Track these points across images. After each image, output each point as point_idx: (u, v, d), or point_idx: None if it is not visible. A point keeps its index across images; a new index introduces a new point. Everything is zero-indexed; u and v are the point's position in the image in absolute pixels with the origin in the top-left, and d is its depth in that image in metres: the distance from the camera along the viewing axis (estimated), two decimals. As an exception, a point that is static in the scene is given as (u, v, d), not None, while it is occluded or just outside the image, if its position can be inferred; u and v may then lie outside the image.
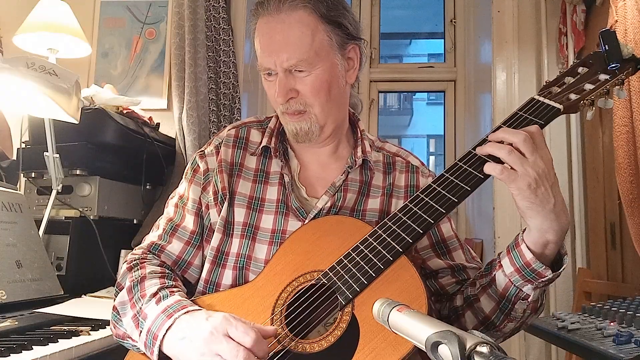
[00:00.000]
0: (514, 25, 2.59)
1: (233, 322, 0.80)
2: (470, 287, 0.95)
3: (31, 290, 1.39)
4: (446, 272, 1.03)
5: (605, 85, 0.90)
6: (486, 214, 2.71)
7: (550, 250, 0.83)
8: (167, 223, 1.05)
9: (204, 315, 0.83)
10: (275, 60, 0.95)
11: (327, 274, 0.86)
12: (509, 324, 0.91)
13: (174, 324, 0.83)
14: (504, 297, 0.87)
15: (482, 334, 0.52)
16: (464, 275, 1.02)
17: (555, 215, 0.80)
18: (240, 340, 0.77)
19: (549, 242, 0.82)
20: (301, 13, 0.95)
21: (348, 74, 1.03)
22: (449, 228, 1.06)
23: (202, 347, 0.78)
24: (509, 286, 0.86)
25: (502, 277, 0.87)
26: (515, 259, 0.85)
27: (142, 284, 0.93)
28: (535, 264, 0.82)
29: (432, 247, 1.05)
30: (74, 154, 1.81)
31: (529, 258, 0.83)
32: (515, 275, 0.85)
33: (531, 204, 0.80)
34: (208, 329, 0.79)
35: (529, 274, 0.83)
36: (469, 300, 0.93)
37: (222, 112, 2.49)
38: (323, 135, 1.02)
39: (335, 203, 1.01)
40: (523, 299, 0.86)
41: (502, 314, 0.89)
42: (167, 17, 2.61)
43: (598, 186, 2.24)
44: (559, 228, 0.81)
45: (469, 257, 1.05)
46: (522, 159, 0.79)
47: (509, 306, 0.88)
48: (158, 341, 0.83)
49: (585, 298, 2.10)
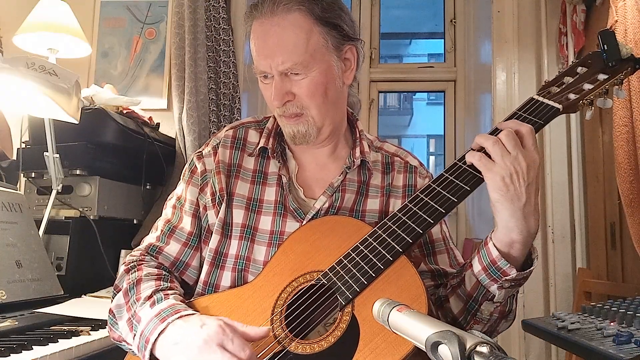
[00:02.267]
0: (514, 25, 2.59)
1: (229, 333, 0.79)
2: (443, 288, 0.95)
3: (31, 290, 1.39)
4: (426, 275, 1.01)
5: (604, 85, 0.90)
6: (486, 214, 2.71)
7: (516, 250, 0.83)
8: (164, 224, 1.04)
9: (199, 322, 0.82)
10: (271, 63, 0.95)
11: (327, 275, 0.86)
12: (474, 326, 0.91)
13: (167, 328, 0.83)
14: (471, 297, 0.88)
15: (482, 333, 0.52)
16: (443, 280, 1.01)
17: (522, 215, 0.81)
18: (236, 354, 0.77)
19: (514, 242, 0.82)
20: (296, 15, 0.94)
21: (345, 75, 1.02)
22: (439, 230, 1.06)
23: (196, 355, 0.78)
24: (477, 286, 0.87)
25: (471, 276, 0.87)
26: (482, 258, 0.85)
27: (137, 286, 0.92)
28: (500, 261, 0.83)
29: (419, 247, 1.04)
30: (74, 154, 1.81)
31: (494, 255, 0.83)
32: (482, 274, 0.85)
33: (501, 197, 0.80)
34: (202, 337, 0.79)
35: (494, 272, 0.84)
36: (440, 301, 0.94)
37: (222, 112, 2.49)
38: (321, 137, 1.02)
39: (334, 204, 1.01)
40: (489, 300, 0.87)
41: (468, 315, 0.90)
42: (167, 17, 2.61)
43: (598, 186, 2.24)
44: (526, 229, 0.81)
45: (453, 263, 1.04)
46: (503, 152, 0.80)
47: (476, 307, 0.88)
48: (150, 345, 0.83)
49: (585, 298, 2.10)
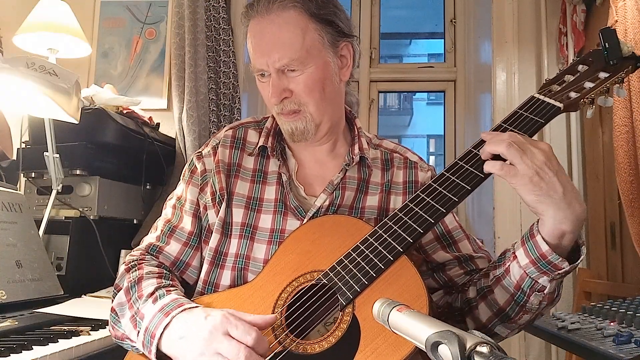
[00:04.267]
0: (514, 25, 2.59)
1: (233, 321, 0.79)
2: (484, 278, 0.92)
3: (31, 290, 1.39)
4: (453, 264, 1.02)
5: (605, 84, 0.90)
6: (486, 213, 2.71)
7: (567, 240, 0.80)
8: (165, 224, 1.05)
9: (203, 314, 0.82)
10: (267, 60, 0.95)
11: (328, 274, 0.86)
12: (524, 316, 0.88)
13: (172, 322, 0.83)
14: (519, 289, 0.85)
15: (482, 333, 0.52)
16: (472, 266, 1.01)
17: (566, 204, 0.78)
18: (241, 339, 0.77)
19: (565, 233, 0.79)
20: (291, 13, 0.95)
21: (342, 72, 1.02)
22: (452, 219, 1.05)
23: (202, 347, 0.78)
24: (524, 278, 0.84)
25: (516, 268, 0.85)
26: (530, 251, 0.82)
27: (139, 284, 0.93)
28: (552, 256, 0.80)
29: (438, 240, 1.04)
30: (74, 154, 1.81)
31: (544, 250, 0.80)
32: (530, 267, 0.82)
33: (537, 196, 0.78)
34: (207, 328, 0.79)
35: (544, 266, 0.81)
36: (483, 292, 0.91)
37: (222, 112, 2.49)
38: (319, 134, 1.02)
39: (334, 201, 1.01)
40: (539, 291, 0.84)
41: (517, 306, 0.87)
42: (167, 17, 2.61)
43: (598, 186, 2.24)
44: (574, 217, 0.78)
45: (475, 247, 1.04)
46: (520, 152, 0.79)
47: (524, 298, 0.86)
48: (155, 340, 0.83)
49: (585, 298, 2.11)
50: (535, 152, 0.79)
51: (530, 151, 0.79)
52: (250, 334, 0.77)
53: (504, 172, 0.79)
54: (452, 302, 0.99)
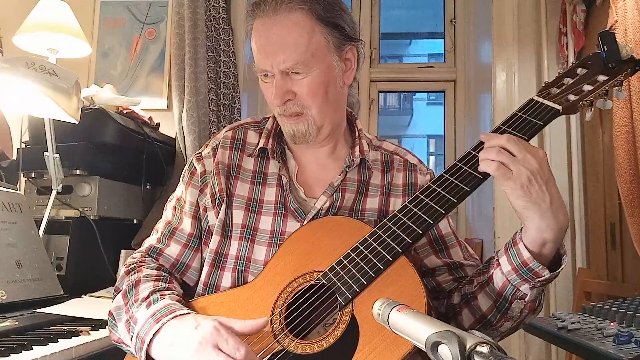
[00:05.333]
0: (514, 25, 2.59)
1: (224, 334, 0.79)
2: (468, 284, 0.94)
3: (31, 290, 1.39)
4: (443, 270, 1.02)
5: (604, 86, 0.90)
6: (486, 214, 2.71)
7: (548, 249, 0.82)
8: (165, 226, 1.05)
9: (193, 323, 0.82)
10: (272, 62, 0.95)
11: (327, 275, 0.86)
12: (505, 323, 0.90)
13: (161, 329, 0.83)
14: (501, 296, 0.87)
15: (482, 333, 0.52)
16: (461, 273, 1.02)
17: (552, 214, 0.79)
18: (230, 354, 0.77)
19: (547, 241, 0.81)
20: (298, 15, 0.94)
21: (345, 75, 1.02)
22: (447, 225, 1.06)
23: (191, 357, 0.78)
24: (506, 285, 0.85)
25: (499, 275, 0.86)
26: (512, 258, 0.84)
27: (136, 288, 0.93)
28: (533, 263, 0.81)
29: (430, 244, 1.04)
30: (74, 154, 1.81)
31: (526, 257, 0.82)
32: (512, 274, 0.84)
33: (526, 202, 0.79)
34: (197, 339, 0.79)
35: (526, 274, 0.82)
36: (467, 298, 0.93)
37: (222, 112, 2.49)
38: (320, 137, 1.02)
39: (334, 203, 1.01)
40: (520, 298, 0.86)
41: (499, 313, 0.89)
42: (167, 17, 2.61)
43: (598, 186, 2.24)
44: (557, 227, 0.80)
45: (466, 255, 1.05)
46: (511, 157, 0.79)
47: (506, 305, 0.87)
48: (145, 346, 0.83)
49: (585, 298, 2.10)
50: (529, 158, 0.79)
51: (523, 156, 0.79)
52: (240, 350, 0.77)
53: (499, 172, 0.80)
54: (438, 306, 1.00)
